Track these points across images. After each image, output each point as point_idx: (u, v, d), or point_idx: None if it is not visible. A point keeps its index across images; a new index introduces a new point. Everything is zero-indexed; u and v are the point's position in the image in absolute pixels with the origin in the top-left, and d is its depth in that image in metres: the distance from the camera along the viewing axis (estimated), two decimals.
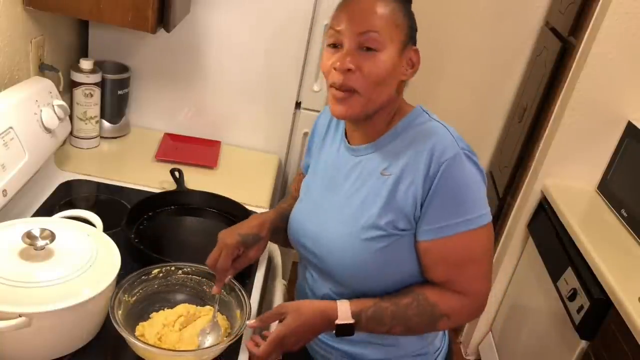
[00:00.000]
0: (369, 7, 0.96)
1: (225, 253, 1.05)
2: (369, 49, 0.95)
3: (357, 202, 1.03)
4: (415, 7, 1.02)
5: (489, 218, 0.99)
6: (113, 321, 0.91)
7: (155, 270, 1.05)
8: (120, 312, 0.95)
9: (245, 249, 1.11)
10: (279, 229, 1.19)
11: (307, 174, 1.21)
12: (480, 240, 0.99)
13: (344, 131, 1.12)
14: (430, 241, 0.98)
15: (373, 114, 1.01)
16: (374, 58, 0.95)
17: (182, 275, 1.08)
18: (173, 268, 1.07)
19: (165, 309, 1.03)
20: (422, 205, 0.97)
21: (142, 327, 0.98)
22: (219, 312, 1.03)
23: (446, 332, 1.21)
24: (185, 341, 0.97)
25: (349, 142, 1.09)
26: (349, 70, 0.95)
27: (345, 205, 1.05)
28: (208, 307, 1.05)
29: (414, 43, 1.00)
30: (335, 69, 0.96)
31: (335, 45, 0.98)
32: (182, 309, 1.03)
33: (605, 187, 1.96)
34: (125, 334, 0.90)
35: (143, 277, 1.03)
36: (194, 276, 1.08)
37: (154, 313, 1.02)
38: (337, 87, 0.97)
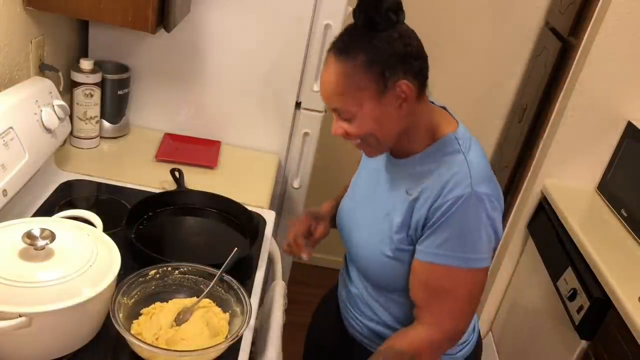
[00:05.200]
0: (326, 85, 1.01)
1: (299, 222, 1.25)
2: (345, 119, 1.01)
3: (383, 212, 1.09)
4: (415, 7, 1.02)
5: (484, 264, 1.01)
6: (115, 324, 0.91)
7: (152, 272, 1.05)
8: (121, 314, 0.95)
9: (315, 222, 1.26)
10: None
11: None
12: (468, 280, 1.02)
13: None
14: (419, 262, 1.03)
15: (397, 141, 1.04)
16: (353, 123, 1.00)
17: (179, 275, 1.08)
18: (170, 268, 1.07)
19: (157, 303, 1.03)
20: (422, 228, 1.02)
21: (137, 326, 0.98)
22: (219, 308, 1.04)
23: (476, 326, 1.25)
24: (186, 336, 0.97)
25: (390, 152, 1.13)
26: (340, 134, 1.02)
27: (375, 211, 1.11)
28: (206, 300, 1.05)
29: (394, 76, 0.96)
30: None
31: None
32: (177, 304, 1.03)
33: (605, 187, 1.96)
34: (128, 335, 0.90)
35: (140, 278, 1.03)
36: (190, 275, 1.08)
37: (144, 309, 1.02)
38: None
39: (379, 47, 0.96)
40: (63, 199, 1.35)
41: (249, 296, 1.06)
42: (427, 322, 1.04)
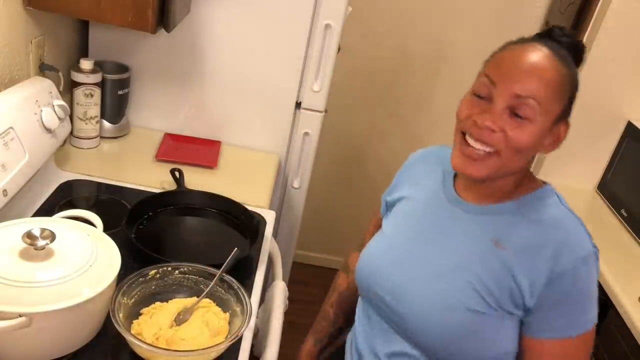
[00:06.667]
0: (539, 67, 0.86)
1: None
2: (519, 115, 0.86)
3: (455, 261, 0.95)
4: (415, 7, 1.01)
5: (596, 318, 0.93)
6: (115, 324, 0.91)
7: (152, 272, 1.05)
8: (121, 314, 0.95)
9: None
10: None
11: (385, 213, 1.13)
12: (588, 341, 0.92)
13: (452, 179, 1.02)
14: (539, 339, 0.91)
15: (502, 177, 0.93)
16: (522, 127, 0.86)
17: (179, 275, 1.08)
18: (170, 268, 1.07)
19: (157, 303, 1.03)
20: (538, 296, 0.89)
21: (137, 326, 0.98)
22: (219, 308, 1.04)
23: None
24: (186, 336, 0.97)
25: (457, 193, 1.00)
26: (491, 130, 0.87)
27: (441, 260, 0.96)
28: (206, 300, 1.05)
29: (568, 116, 0.91)
30: (477, 124, 0.87)
31: (481, 97, 0.90)
32: (177, 304, 1.03)
33: (605, 187, 1.96)
34: (128, 335, 0.91)
35: (140, 278, 1.03)
36: (190, 275, 1.08)
37: (144, 309, 1.02)
38: (474, 140, 0.88)
39: (576, 78, 0.90)
40: (63, 199, 1.35)
41: (249, 296, 1.06)
42: None
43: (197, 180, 1.52)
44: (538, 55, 0.86)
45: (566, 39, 0.90)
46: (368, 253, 1.07)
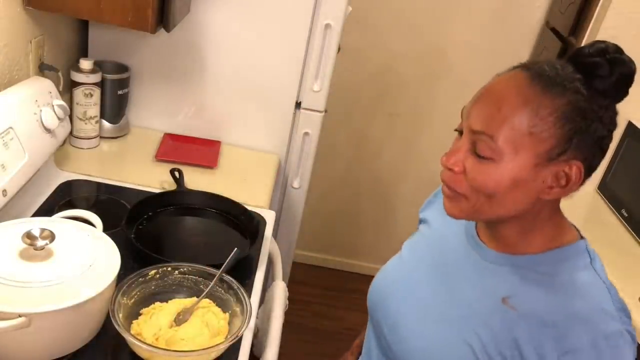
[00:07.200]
0: (494, 100, 0.74)
1: None
2: (480, 155, 0.75)
3: (460, 312, 0.84)
4: (415, 7, 0.98)
5: None
6: (115, 324, 0.91)
7: (152, 272, 1.05)
8: (120, 315, 0.95)
9: None
10: None
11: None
12: None
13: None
14: None
15: (498, 221, 0.81)
16: (484, 166, 0.74)
17: (179, 276, 1.08)
18: (170, 268, 1.07)
19: (156, 303, 1.03)
20: None
21: (137, 326, 0.98)
22: (219, 308, 1.04)
23: None
24: (186, 336, 0.97)
25: (478, 235, 0.88)
26: (452, 171, 0.78)
27: (448, 305, 0.86)
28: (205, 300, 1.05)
29: (576, 151, 0.74)
30: (442, 163, 0.79)
31: (461, 133, 0.79)
32: (176, 304, 1.03)
33: (605, 187, 1.96)
34: (127, 335, 0.90)
35: (140, 278, 1.03)
36: (190, 276, 1.08)
37: (144, 309, 1.02)
38: (443, 182, 0.80)
39: (589, 108, 0.73)
40: (63, 199, 1.35)
41: (249, 296, 1.06)
42: None
43: (197, 180, 1.52)
44: (503, 82, 0.76)
45: (585, 60, 0.75)
46: (383, 274, 1.00)
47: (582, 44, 1.90)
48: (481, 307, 0.82)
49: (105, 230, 1.11)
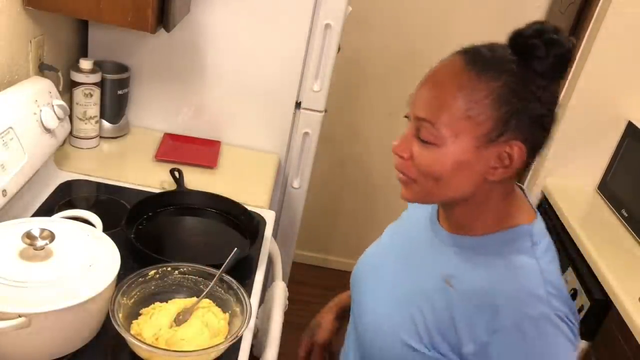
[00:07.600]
0: (433, 89, 0.78)
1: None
2: (423, 140, 0.78)
3: (408, 288, 0.88)
4: (415, 7, 0.98)
5: None
6: (115, 325, 0.91)
7: (152, 272, 1.05)
8: (120, 315, 0.95)
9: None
10: None
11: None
12: None
13: None
14: None
15: (450, 204, 0.84)
16: (428, 151, 0.77)
17: (179, 276, 1.08)
18: (169, 268, 1.07)
19: (156, 303, 1.03)
20: (478, 352, 0.77)
21: (137, 326, 0.97)
22: (218, 308, 1.04)
23: None
24: (186, 336, 0.97)
25: (438, 218, 0.92)
26: (400, 157, 0.81)
27: (401, 282, 0.90)
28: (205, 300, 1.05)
29: (516, 131, 0.76)
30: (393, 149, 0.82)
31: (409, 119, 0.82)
32: (176, 304, 1.03)
33: (606, 187, 1.96)
34: (127, 335, 0.90)
35: (140, 278, 1.03)
36: (190, 276, 1.08)
37: (144, 309, 1.02)
38: (395, 168, 0.83)
39: (525, 89, 0.75)
40: (63, 199, 1.35)
41: (249, 296, 1.06)
42: None
43: (196, 180, 1.52)
44: (442, 69, 0.79)
45: (522, 41, 0.77)
46: (362, 257, 1.05)
47: (582, 44, 1.90)
48: (427, 285, 0.85)
49: (105, 230, 1.11)
